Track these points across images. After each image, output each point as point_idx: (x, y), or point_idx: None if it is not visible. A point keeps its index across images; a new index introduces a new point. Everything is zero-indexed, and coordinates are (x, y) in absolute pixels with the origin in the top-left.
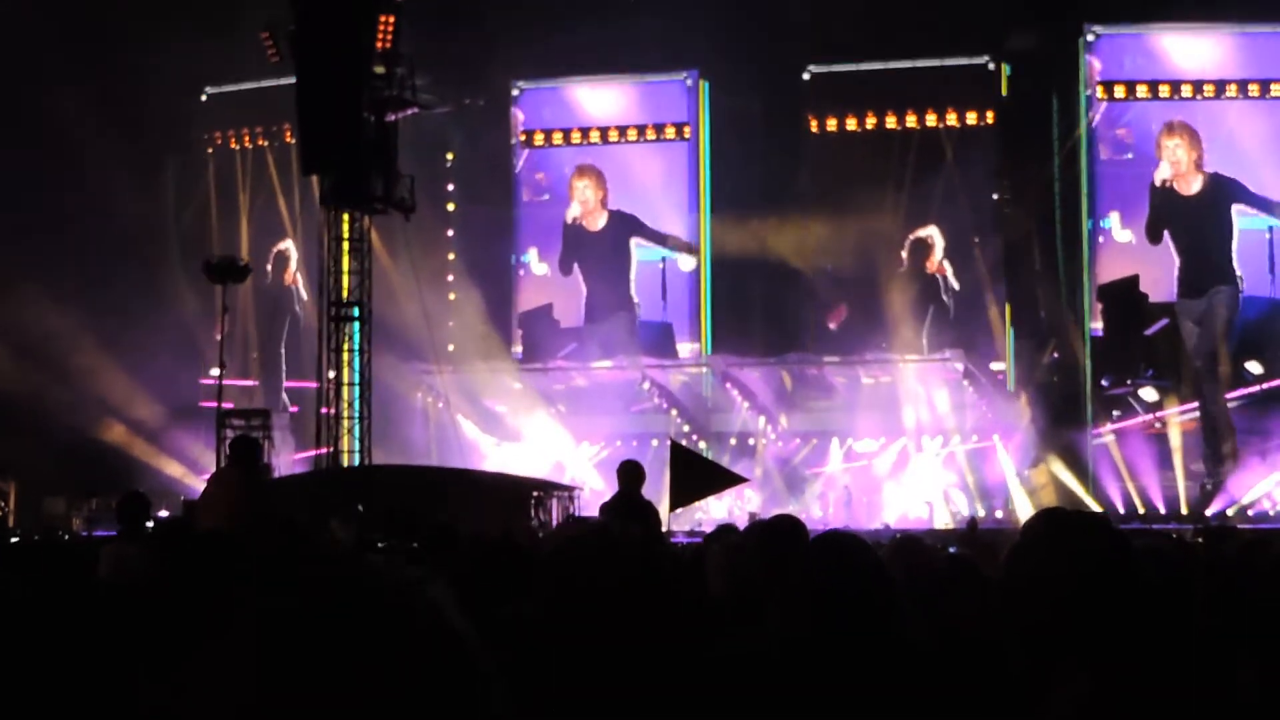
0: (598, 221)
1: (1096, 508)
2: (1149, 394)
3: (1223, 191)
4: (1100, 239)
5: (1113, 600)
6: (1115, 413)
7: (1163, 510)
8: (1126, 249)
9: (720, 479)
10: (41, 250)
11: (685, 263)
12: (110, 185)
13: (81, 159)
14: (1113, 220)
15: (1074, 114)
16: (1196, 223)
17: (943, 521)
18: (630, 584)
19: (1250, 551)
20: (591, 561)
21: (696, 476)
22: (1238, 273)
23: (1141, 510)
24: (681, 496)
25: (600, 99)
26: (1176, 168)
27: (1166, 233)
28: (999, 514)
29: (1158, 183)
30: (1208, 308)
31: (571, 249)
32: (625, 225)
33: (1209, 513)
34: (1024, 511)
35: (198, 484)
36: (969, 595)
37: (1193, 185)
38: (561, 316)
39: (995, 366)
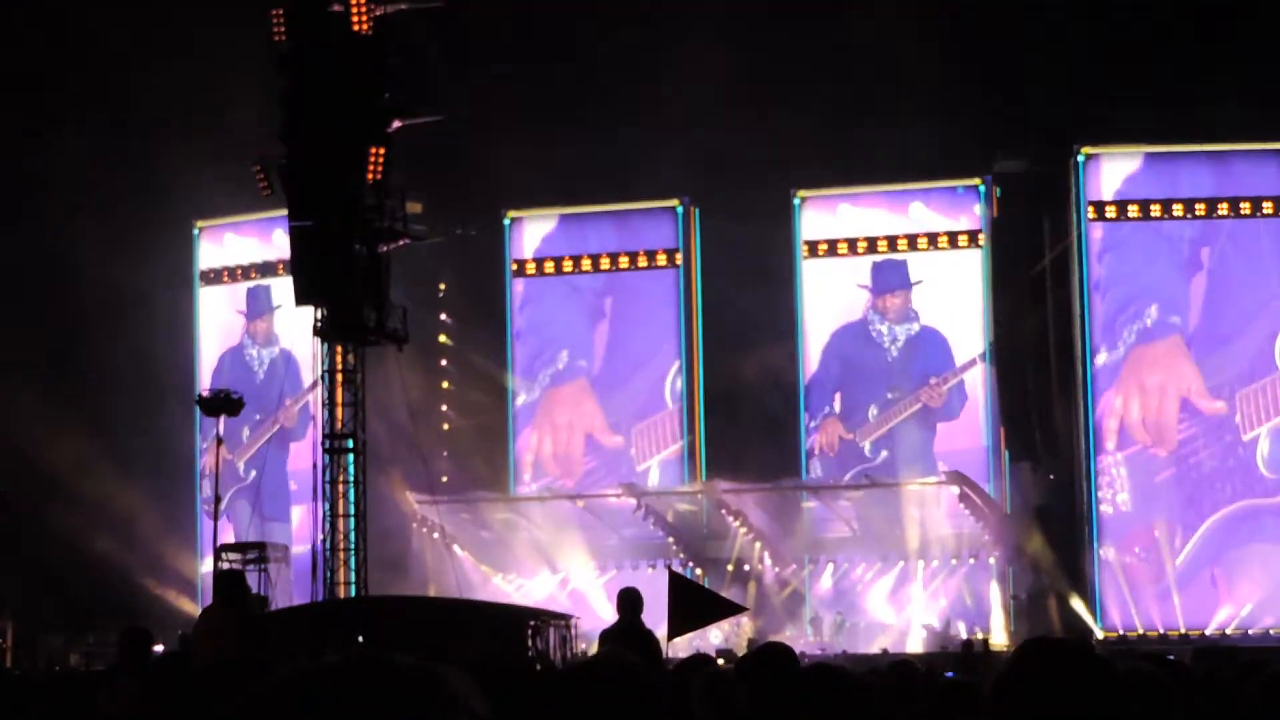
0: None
1: (1097, 628)
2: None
3: None
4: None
5: None
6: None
7: (1160, 629)
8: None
9: (719, 608)
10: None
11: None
12: (108, 312)
13: (79, 287)
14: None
15: (1065, 235)
16: None
17: (939, 645)
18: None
19: (1245, 674)
20: (604, 692)
21: (695, 605)
22: None
23: (1140, 629)
24: (680, 625)
25: (591, 227)
26: None
27: None
28: (995, 637)
29: None
30: None
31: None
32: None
33: (1209, 630)
34: (1020, 635)
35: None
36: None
37: None
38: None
39: (991, 488)
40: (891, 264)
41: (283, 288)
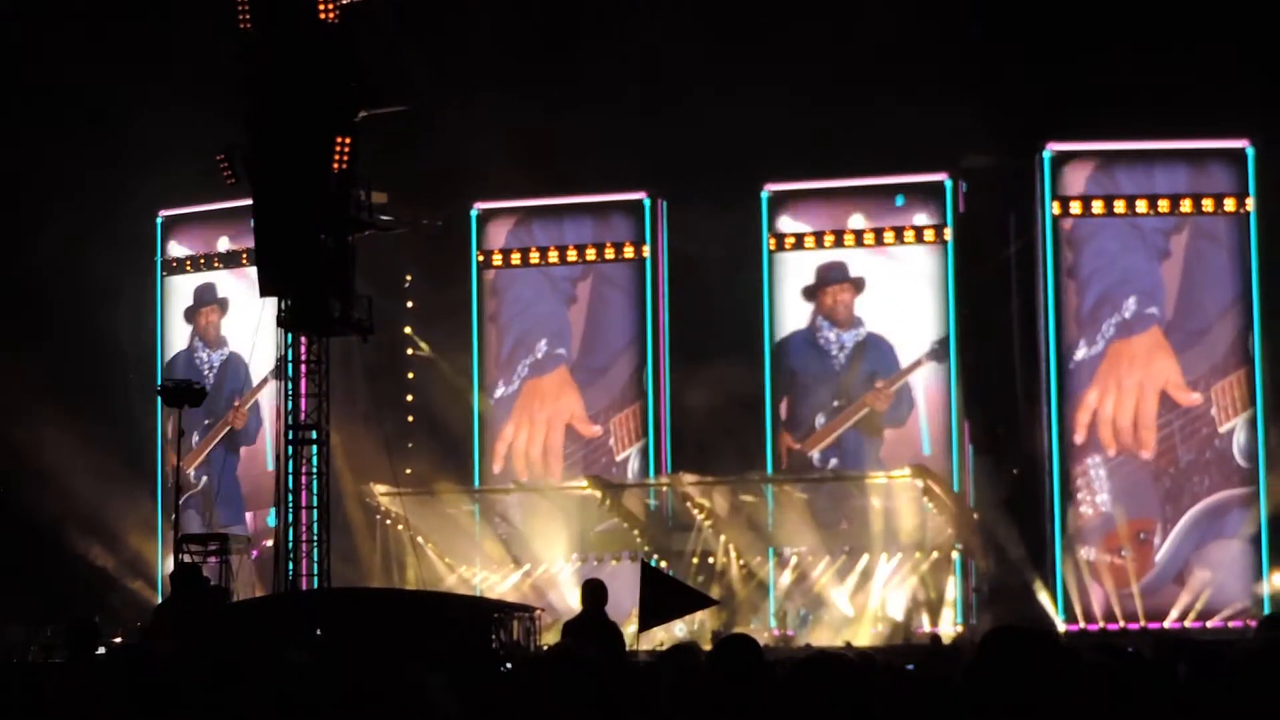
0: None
1: (1059, 620)
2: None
3: None
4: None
5: (1058, 714)
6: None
7: (1122, 621)
8: (1084, 363)
9: (691, 601)
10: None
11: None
12: (72, 300)
13: (44, 279)
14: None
15: (1030, 231)
16: None
17: (902, 638)
18: (589, 705)
19: (1203, 665)
20: (553, 683)
21: (667, 598)
22: None
23: (1101, 622)
24: (651, 618)
25: (558, 219)
26: None
27: None
28: (960, 629)
29: None
30: None
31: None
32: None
33: (1170, 618)
34: (983, 628)
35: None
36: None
37: None
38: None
39: (955, 483)
40: (833, 264)
41: (231, 286)
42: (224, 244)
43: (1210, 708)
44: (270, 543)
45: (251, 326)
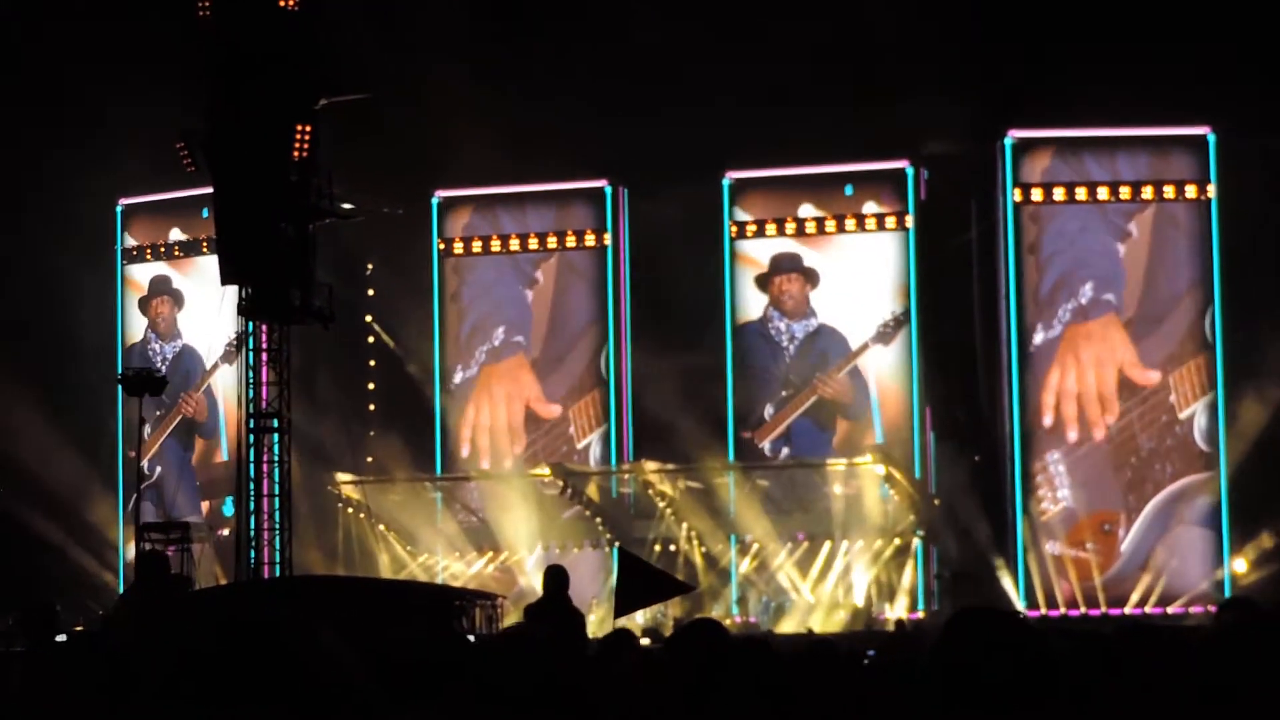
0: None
1: (1021, 605)
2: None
3: None
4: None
5: (1025, 693)
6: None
7: (1083, 607)
8: (1042, 347)
9: (668, 587)
10: None
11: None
12: (32, 289)
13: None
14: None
15: (992, 217)
16: None
17: (864, 624)
18: (539, 688)
19: (1163, 651)
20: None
21: (644, 584)
22: None
23: (1063, 608)
24: (627, 604)
25: (519, 207)
26: None
27: None
28: (921, 615)
29: None
30: None
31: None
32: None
33: (1131, 603)
34: (945, 614)
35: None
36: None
37: None
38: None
39: (917, 469)
40: (787, 255)
41: (184, 276)
42: (175, 234)
43: (1170, 690)
44: (227, 531)
45: (204, 317)
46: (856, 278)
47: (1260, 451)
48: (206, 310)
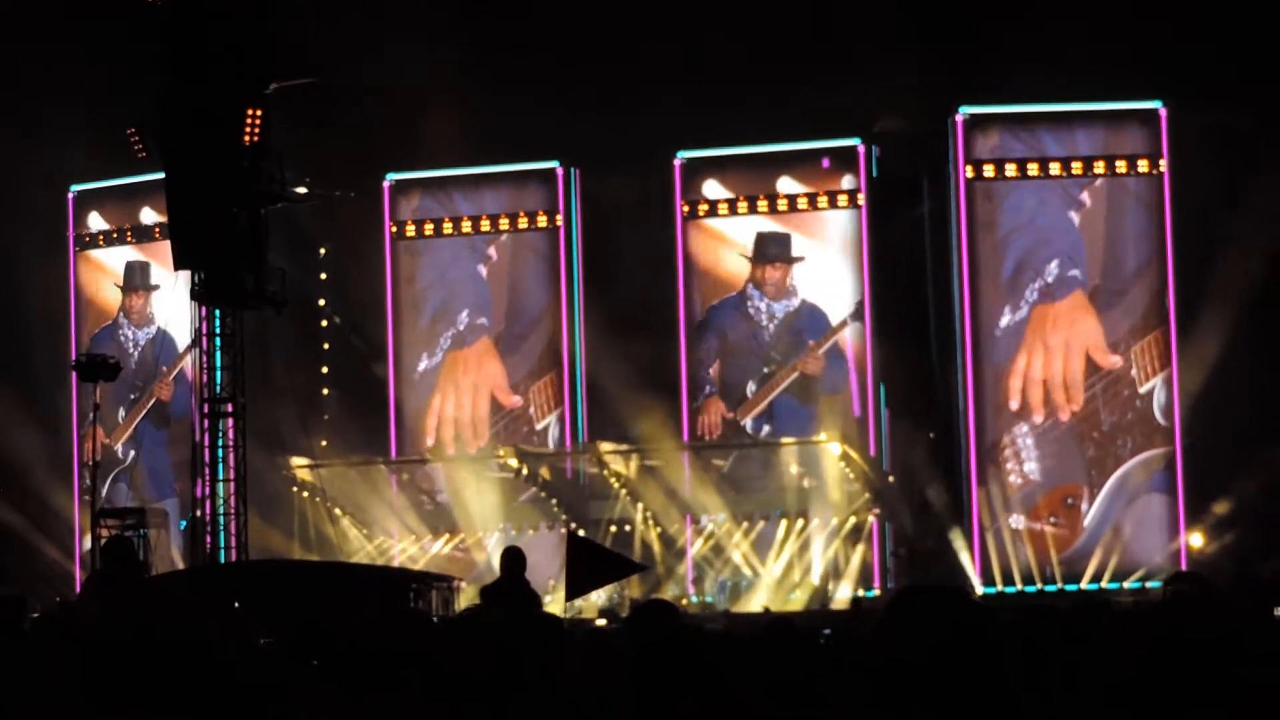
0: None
1: (977, 583)
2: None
3: None
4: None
5: (969, 670)
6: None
7: (1039, 583)
8: (1010, 329)
9: (620, 568)
10: None
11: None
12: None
13: None
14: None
15: (944, 194)
16: None
17: (819, 603)
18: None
19: (1119, 626)
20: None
21: (595, 566)
22: None
23: (1019, 585)
24: (578, 586)
25: (472, 189)
26: None
27: None
28: (878, 593)
29: None
30: None
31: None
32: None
33: (1087, 577)
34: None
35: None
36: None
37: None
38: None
39: (873, 447)
40: (775, 236)
41: (161, 268)
42: (139, 217)
43: (1118, 660)
44: (199, 513)
45: (178, 300)
46: (822, 254)
47: (1215, 424)
48: (179, 293)
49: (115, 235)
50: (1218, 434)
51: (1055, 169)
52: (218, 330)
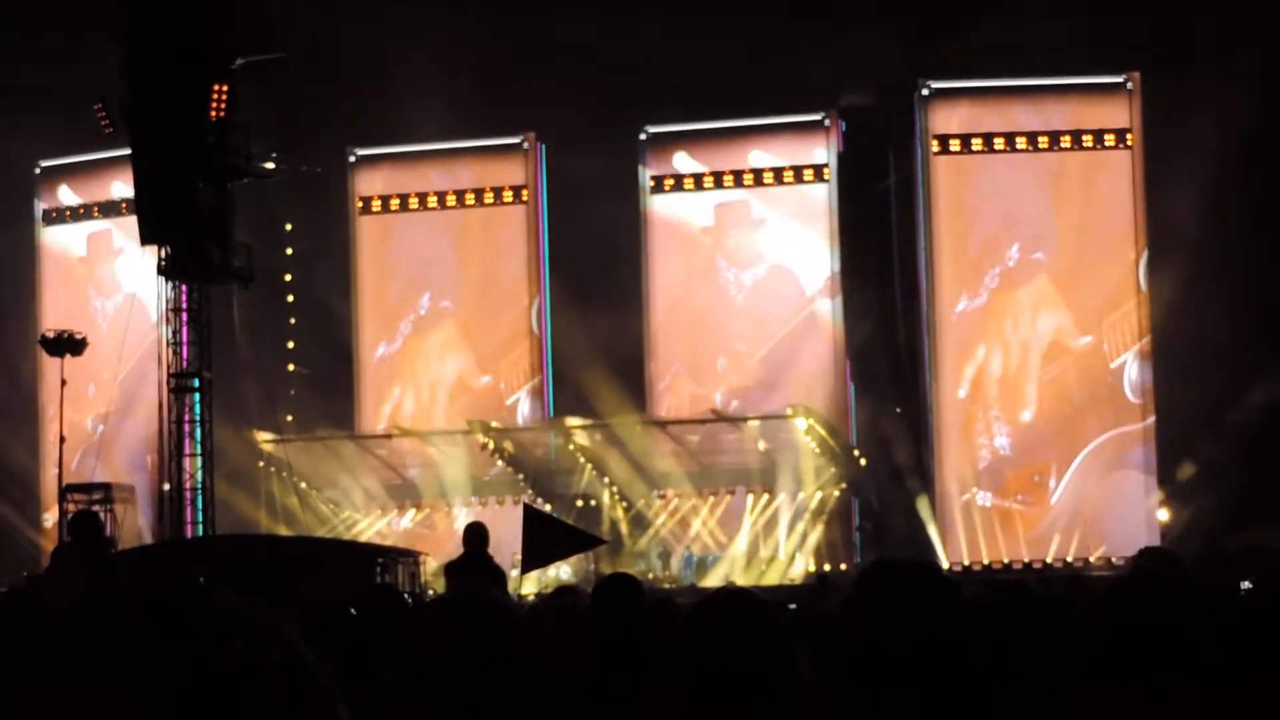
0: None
1: (944, 558)
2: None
3: None
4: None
5: (939, 646)
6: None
7: (1006, 559)
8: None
9: (576, 542)
10: None
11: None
12: None
13: None
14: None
15: (909, 168)
16: None
17: (788, 578)
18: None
19: (1087, 602)
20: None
21: (550, 540)
22: None
23: (986, 559)
24: (534, 560)
25: (437, 163)
26: None
27: None
28: (844, 568)
29: None
30: None
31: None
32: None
33: (1051, 554)
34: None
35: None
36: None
37: None
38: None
39: (839, 423)
40: (735, 203)
41: (125, 232)
42: (105, 193)
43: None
44: (168, 486)
45: (142, 274)
46: (797, 227)
47: (1187, 400)
48: (143, 265)
49: (82, 211)
50: (1190, 410)
51: (1022, 143)
52: (184, 305)
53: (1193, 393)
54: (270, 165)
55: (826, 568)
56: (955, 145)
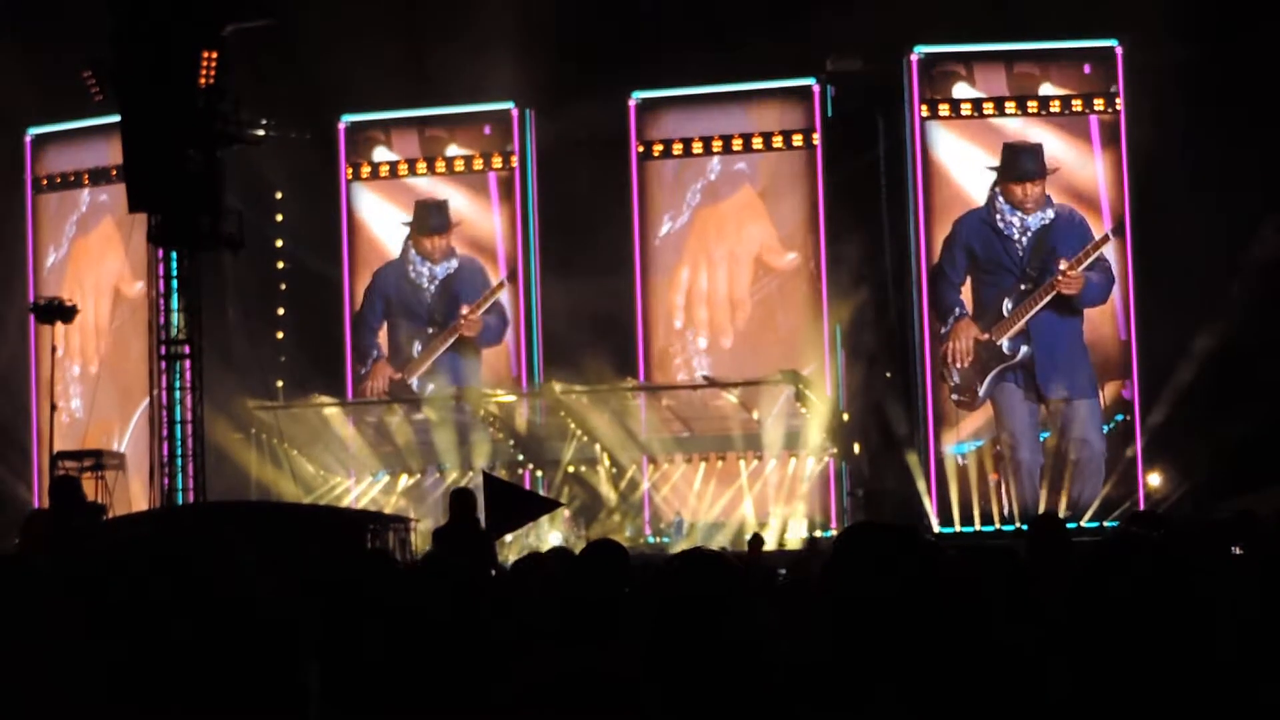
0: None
1: (935, 523)
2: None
3: None
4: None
5: (917, 608)
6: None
7: (1004, 518)
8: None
9: (536, 506)
10: None
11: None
12: None
13: None
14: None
15: (898, 134)
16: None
17: (777, 544)
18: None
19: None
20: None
21: (513, 506)
22: None
23: (978, 522)
24: (499, 526)
25: (426, 129)
26: None
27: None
28: (834, 532)
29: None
30: None
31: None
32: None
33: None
34: None
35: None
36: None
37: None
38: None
39: (827, 386)
40: (732, 174)
41: (115, 199)
42: (96, 159)
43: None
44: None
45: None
46: (782, 192)
47: (1175, 366)
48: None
49: (73, 178)
50: (1177, 374)
51: (1010, 108)
52: (174, 273)
53: (1184, 354)
54: (260, 132)
55: (817, 533)
56: (945, 110)
